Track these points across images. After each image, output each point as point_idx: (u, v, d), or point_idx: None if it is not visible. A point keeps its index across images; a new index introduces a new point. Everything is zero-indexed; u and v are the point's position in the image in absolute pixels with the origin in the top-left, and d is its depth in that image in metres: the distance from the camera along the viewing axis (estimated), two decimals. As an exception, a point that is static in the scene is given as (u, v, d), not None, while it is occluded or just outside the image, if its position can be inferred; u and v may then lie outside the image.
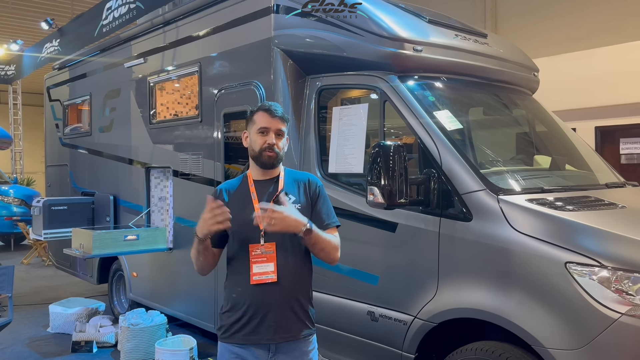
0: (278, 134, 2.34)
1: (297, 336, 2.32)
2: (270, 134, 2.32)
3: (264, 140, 2.32)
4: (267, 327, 2.26)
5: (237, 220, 2.25)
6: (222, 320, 2.37)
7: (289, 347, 2.31)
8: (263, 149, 2.32)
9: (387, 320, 3.29)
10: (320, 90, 3.90)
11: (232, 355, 2.31)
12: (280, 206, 2.13)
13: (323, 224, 2.35)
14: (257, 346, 2.28)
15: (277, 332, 2.27)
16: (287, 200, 2.22)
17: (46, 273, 10.00)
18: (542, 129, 4.33)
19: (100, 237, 4.97)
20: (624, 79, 7.53)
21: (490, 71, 3.97)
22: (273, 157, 2.33)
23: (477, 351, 2.83)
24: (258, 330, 2.27)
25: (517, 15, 9.14)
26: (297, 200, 2.34)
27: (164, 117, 5.51)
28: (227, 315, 2.34)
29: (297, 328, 2.32)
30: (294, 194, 2.36)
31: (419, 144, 3.22)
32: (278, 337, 2.28)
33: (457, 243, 2.98)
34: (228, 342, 2.33)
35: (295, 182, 2.41)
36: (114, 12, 8.55)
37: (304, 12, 3.85)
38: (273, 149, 2.31)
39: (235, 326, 2.30)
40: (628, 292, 2.47)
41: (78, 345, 5.39)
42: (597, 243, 2.62)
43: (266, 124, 2.33)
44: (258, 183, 2.38)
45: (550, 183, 3.38)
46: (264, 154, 2.32)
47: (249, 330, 2.27)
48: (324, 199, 2.42)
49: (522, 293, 2.69)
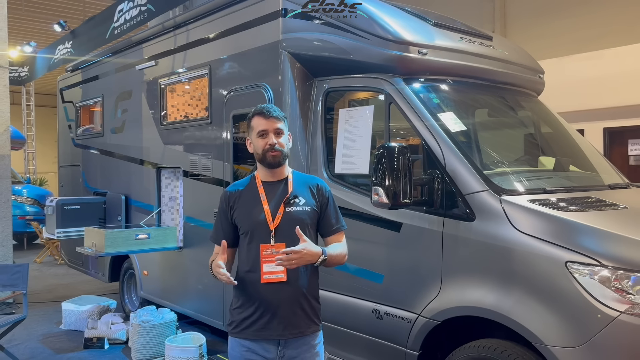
0: (277, 132, 2.43)
1: (305, 332, 2.43)
2: (269, 135, 2.42)
3: (264, 142, 2.42)
4: (277, 324, 2.36)
5: (247, 220, 2.38)
6: (233, 316, 2.46)
7: (297, 342, 2.42)
8: (266, 150, 2.41)
9: (392, 318, 3.36)
10: (327, 92, 3.97)
11: (243, 349, 2.40)
12: (298, 246, 2.25)
13: (332, 228, 2.49)
14: (267, 341, 2.38)
15: (286, 328, 2.37)
16: (303, 234, 2.30)
17: (59, 271, 10.17)
18: (547, 131, 4.37)
19: (113, 236, 5.07)
20: (632, 80, 7.54)
21: (495, 73, 4.02)
22: (277, 155, 2.42)
23: (480, 348, 2.89)
24: (268, 326, 2.37)
25: (526, 16, 9.16)
26: (307, 202, 2.45)
27: (174, 119, 5.61)
28: (238, 311, 2.44)
29: (305, 324, 2.42)
30: (304, 196, 2.45)
31: (424, 145, 3.28)
32: (288, 333, 2.38)
33: (460, 242, 3.04)
34: (239, 337, 2.42)
35: (305, 185, 2.50)
36: (125, 15, 8.69)
37: (310, 15, 3.92)
38: (275, 148, 2.41)
39: (246, 322, 2.40)
40: (627, 291, 2.52)
41: (90, 342, 5.51)
42: (597, 243, 2.67)
43: (263, 126, 2.42)
44: (267, 184, 2.47)
45: (553, 184, 3.42)
46: (267, 154, 2.41)
47: (259, 327, 2.38)
48: (333, 203, 2.54)
49: (524, 291, 2.74)
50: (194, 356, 4.75)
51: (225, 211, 2.49)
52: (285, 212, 2.39)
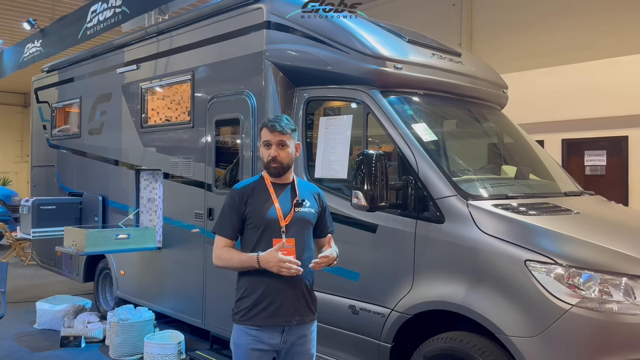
0: (280, 145, 2.66)
1: (307, 319, 2.71)
2: (272, 147, 2.66)
3: (268, 153, 2.67)
4: (285, 311, 2.62)
5: (259, 215, 2.64)
6: (240, 304, 2.68)
7: (298, 329, 2.68)
8: (269, 161, 2.67)
9: (367, 313, 3.61)
10: (308, 101, 4.21)
11: (250, 338, 2.63)
12: (326, 252, 2.67)
13: (327, 231, 2.85)
14: (273, 328, 2.63)
15: (293, 315, 2.64)
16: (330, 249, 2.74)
17: (26, 272, 10.07)
18: (509, 141, 4.71)
19: (94, 236, 5.18)
20: (589, 95, 8.00)
21: (463, 88, 4.34)
22: (278, 167, 2.68)
23: (448, 340, 3.16)
24: (277, 313, 2.61)
25: (491, 30, 9.56)
26: (312, 206, 2.76)
27: (155, 122, 5.74)
28: (246, 300, 2.65)
29: (306, 313, 2.71)
30: (309, 201, 2.76)
31: (398, 153, 3.56)
32: (293, 320, 2.65)
33: (430, 243, 3.32)
34: (245, 325, 2.64)
35: (309, 192, 2.81)
36: (99, 16, 8.70)
37: (293, 28, 4.16)
38: (276, 160, 2.65)
39: (255, 309, 2.62)
40: (579, 287, 2.83)
41: (67, 340, 5.58)
42: (553, 244, 2.98)
43: (268, 137, 2.67)
44: (275, 185, 2.73)
45: (515, 191, 3.75)
46: (270, 165, 2.68)
47: (268, 314, 2.61)
48: (328, 210, 2.89)
49: (487, 287, 3.03)
50: (173, 353, 4.90)
51: (237, 206, 2.69)
52: (295, 212, 2.67)
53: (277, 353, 2.72)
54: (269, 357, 2.70)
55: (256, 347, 2.63)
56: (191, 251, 5.09)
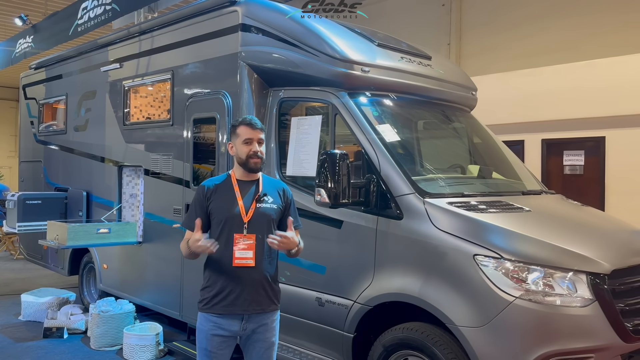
0: (259, 142, 2.86)
1: (266, 309, 2.88)
2: (253, 143, 2.84)
3: (249, 149, 2.84)
4: (243, 301, 2.80)
5: (223, 212, 2.81)
6: (204, 294, 2.87)
7: (258, 318, 2.86)
8: (249, 156, 2.84)
9: (332, 305, 3.78)
10: (281, 101, 4.37)
11: (211, 324, 2.82)
12: (287, 232, 2.76)
13: (292, 226, 2.93)
14: (232, 316, 2.81)
15: (250, 305, 2.82)
16: (291, 232, 2.79)
17: (15, 266, 10.20)
18: (478, 142, 4.89)
19: (75, 230, 5.32)
20: (569, 95, 8.19)
21: (431, 90, 4.51)
22: (258, 162, 2.86)
23: (405, 330, 3.35)
24: (235, 302, 2.79)
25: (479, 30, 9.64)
26: (274, 202, 2.91)
27: (137, 119, 5.89)
28: (209, 290, 2.85)
29: (266, 303, 2.87)
30: (272, 196, 2.91)
31: (363, 152, 3.72)
32: (251, 309, 2.82)
33: (390, 238, 3.50)
34: (208, 312, 2.84)
35: (273, 187, 2.97)
36: (90, 13, 8.84)
37: (267, 31, 4.32)
38: (257, 155, 2.84)
39: (216, 299, 2.81)
40: (524, 280, 3.01)
41: (49, 331, 5.73)
42: (500, 239, 3.16)
43: (249, 135, 2.84)
44: (241, 183, 2.89)
45: (472, 189, 3.93)
46: (250, 160, 2.84)
47: (227, 303, 2.80)
48: (294, 205, 3.03)
49: (440, 280, 3.21)
50: (151, 344, 5.06)
51: (202, 201, 2.87)
52: (257, 208, 2.84)
53: (240, 339, 2.90)
54: (230, 342, 2.87)
55: (217, 332, 2.81)
56: (170, 246, 5.25)
